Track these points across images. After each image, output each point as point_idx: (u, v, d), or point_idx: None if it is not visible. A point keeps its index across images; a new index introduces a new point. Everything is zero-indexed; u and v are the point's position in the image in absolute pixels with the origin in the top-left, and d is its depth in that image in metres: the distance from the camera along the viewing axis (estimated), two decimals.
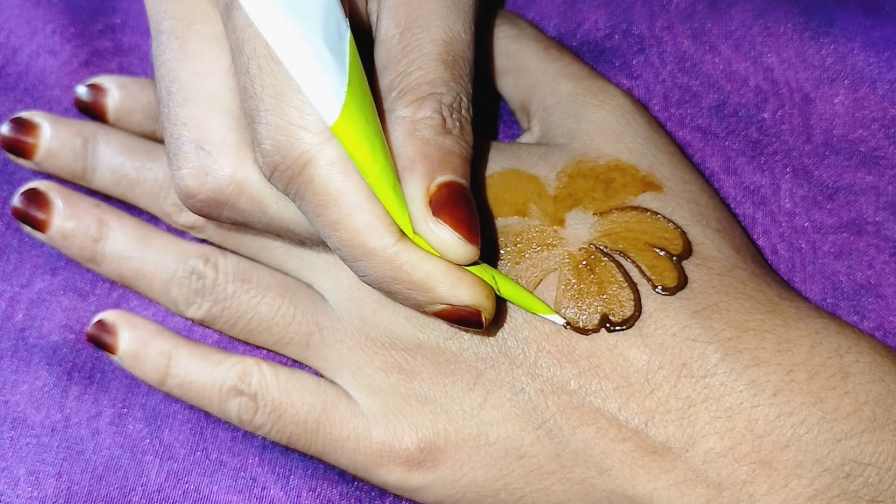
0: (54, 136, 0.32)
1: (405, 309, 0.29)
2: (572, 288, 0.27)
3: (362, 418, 0.29)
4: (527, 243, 0.28)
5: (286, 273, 0.31)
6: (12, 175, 0.34)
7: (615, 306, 0.27)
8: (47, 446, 0.31)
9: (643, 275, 0.27)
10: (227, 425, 0.31)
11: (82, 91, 0.33)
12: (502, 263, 0.28)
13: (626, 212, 0.28)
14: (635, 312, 0.27)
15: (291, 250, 0.31)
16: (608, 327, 0.27)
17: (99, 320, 0.32)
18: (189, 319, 0.32)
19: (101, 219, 0.32)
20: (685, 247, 0.28)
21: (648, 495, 0.26)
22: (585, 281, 0.27)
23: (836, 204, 0.31)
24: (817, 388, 0.25)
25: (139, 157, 0.32)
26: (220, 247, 0.32)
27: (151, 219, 0.33)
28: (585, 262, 0.28)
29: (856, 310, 0.30)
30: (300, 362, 0.31)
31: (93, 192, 0.33)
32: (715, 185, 0.32)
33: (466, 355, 0.28)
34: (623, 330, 0.27)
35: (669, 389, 0.26)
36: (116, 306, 0.33)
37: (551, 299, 0.27)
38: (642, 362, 0.26)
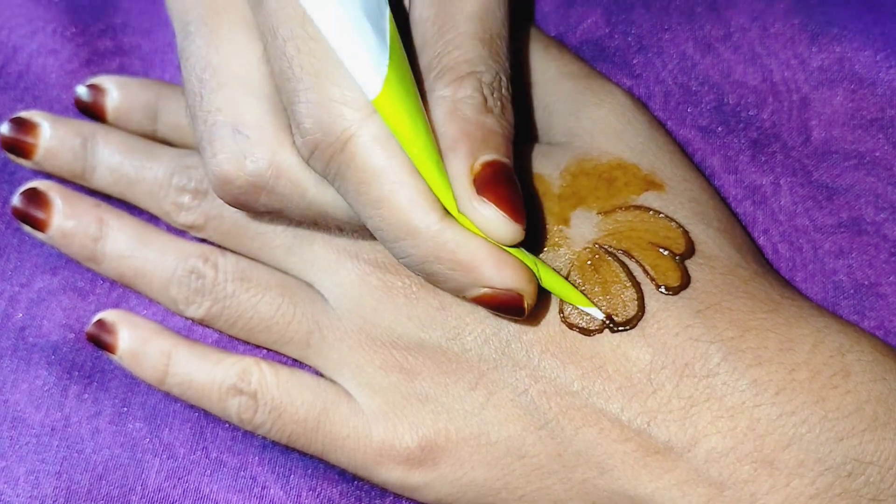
0: (54, 135, 0.32)
1: (407, 308, 0.28)
2: (577, 288, 0.27)
3: (362, 417, 0.29)
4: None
5: (286, 273, 0.31)
6: (12, 175, 0.34)
7: (619, 306, 0.27)
8: (47, 446, 0.31)
9: (646, 274, 0.27)
10: (226, 424, 0.31)
11: (82, 91, 0.33)
12: None
13: (630, 211, 0.28)
14: (639, 312, 0.27)
15: (291, 249, 0.31)
16: (612, 327, 0.27)
17: (98, 319, 0.31)
18: (189, 319, 0.32)
19: (101, 218, 0.32)
20: (688, 246, 0.28)
21: (650, 495, 0.26)
22: (590, 281, 0.27)
23: (835, 204, 0.31)
24: (819, 387, 0.25)
25: (138, 157, 0.32)
26: (220, 246, 0.32)
27: (151, 218, 0.33)
28: (590, 261, 0.28)
29: (856, 309, 0.30)
30: (300, 361, 0.31)
31: (93, 192, 0.33)
32: (715, 184, 0.32)
33: (469, 356, 0.28)
34: (626, 330, 0.27)
35: (672, 389, 0.26)
36: (116, 305, 0.33)
37: (556, 299, 0.27)
38: (645, 362, 0.26)
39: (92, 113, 0.33)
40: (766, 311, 0.27)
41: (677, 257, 0.28)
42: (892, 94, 0.32)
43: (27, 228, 0.32)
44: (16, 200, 0.32)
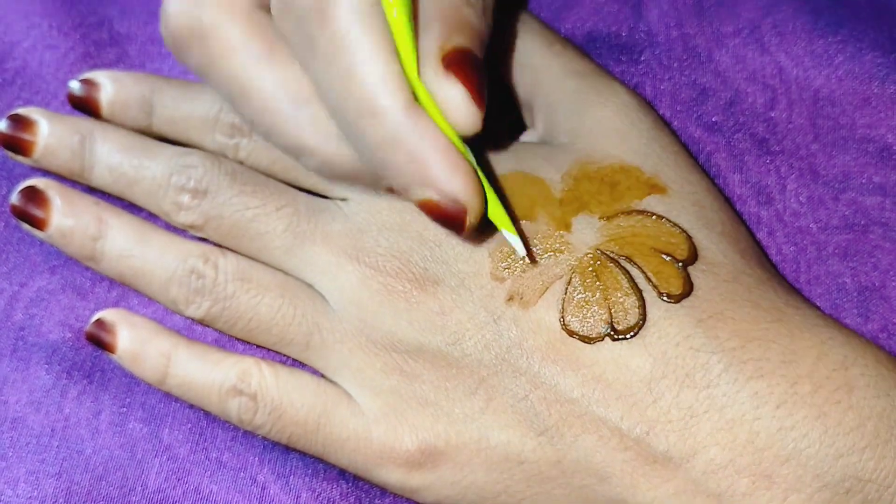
0: (52, 133, 0.32)
1: (407, 312, 0.28)
2: (578, 295, 0.27)
3: (362, 419, 0.29)
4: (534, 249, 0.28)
5: (286, 273, 0.31)
6: (11, 172, 0.34)
7: (620, 314, 0.27)
8: (47, 446, 0.31)
9: (649, 281, 0.27)
10: (227, 425, 0.31)
11: (75, 86, 0.33)
12: None
13: (632, 216, 0.28)
14: (640, 320, 0.27)
15: (292, 250, 0.30)
16: (612, 335, 0.26)
17: (98, 319, 0.31)
18: (189, 318, 0.31)
19: (101, 217, 0.32)
20: (690, 252, 0.27)
21: None
22: (591, 288, 0.27)
23: (841, 204, 0.31)
24: (821, 402, 0.25)
25: (137, 156, 0.32)
26: (220, 246, 0.32)
27: (151, 215, 0.33)
28: (592, 268, 0.27)
29: (860, 311, 0.30)
30: (301, 362, 0.31)
31: (92, 190, 0.33)
32: (720, 183, 0.32)
33: (469, 361, 0.28)
34: (627, 338, 0.26)
35: (672, 399, 0.26)
36: (116, 305, 0.32)
37: (557, 306, 0.27)
38: (645, 371, 0.26)
39: (86, 108, 0.33)
40: (770, 321, 0.26)
41: (680, 264, 0.27)
42: None
43: (26, 227, 0.32)
44: (14, 199, 0.32)
